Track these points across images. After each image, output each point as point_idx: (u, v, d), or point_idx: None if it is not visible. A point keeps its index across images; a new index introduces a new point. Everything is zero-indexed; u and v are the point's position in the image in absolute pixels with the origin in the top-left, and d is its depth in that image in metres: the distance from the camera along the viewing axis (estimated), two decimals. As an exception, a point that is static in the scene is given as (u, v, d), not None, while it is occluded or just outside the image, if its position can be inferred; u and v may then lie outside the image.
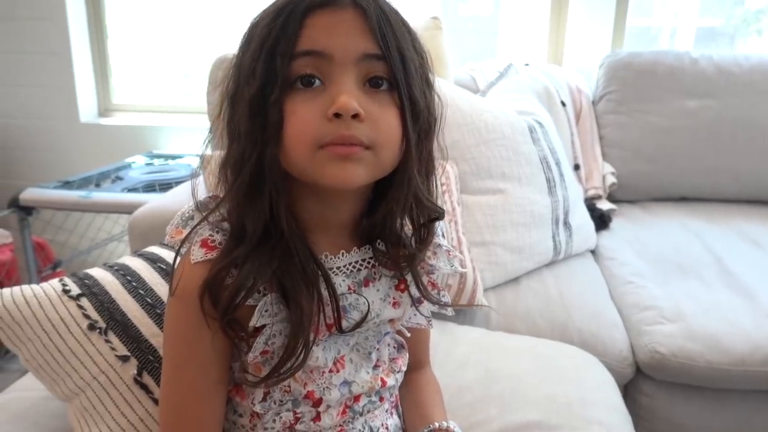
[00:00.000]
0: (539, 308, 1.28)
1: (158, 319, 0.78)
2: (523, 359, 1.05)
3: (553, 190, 1.44)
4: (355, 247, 0.64)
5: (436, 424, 0.72)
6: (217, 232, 0.59)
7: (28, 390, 0.88)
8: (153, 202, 1.43)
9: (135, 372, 0.74)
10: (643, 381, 1.22)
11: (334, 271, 0.62)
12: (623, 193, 1.84)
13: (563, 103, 1.78)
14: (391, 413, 0.73)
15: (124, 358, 0.74)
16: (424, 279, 0.67)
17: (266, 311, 0.57)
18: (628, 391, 1.24)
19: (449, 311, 0.70)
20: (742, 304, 1.27)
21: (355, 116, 0.52)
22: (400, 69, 0.55)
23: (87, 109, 2.43)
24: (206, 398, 0.62)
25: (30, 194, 1.78)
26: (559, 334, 1.21)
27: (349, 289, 0.63)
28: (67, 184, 1.88)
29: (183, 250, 0.60)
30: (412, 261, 0.64)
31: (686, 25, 2.77)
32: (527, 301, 1.30)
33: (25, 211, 1.78)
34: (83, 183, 1.92)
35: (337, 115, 0.52)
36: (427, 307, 0.69)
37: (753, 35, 2.49)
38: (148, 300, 0.79)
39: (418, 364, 0.79)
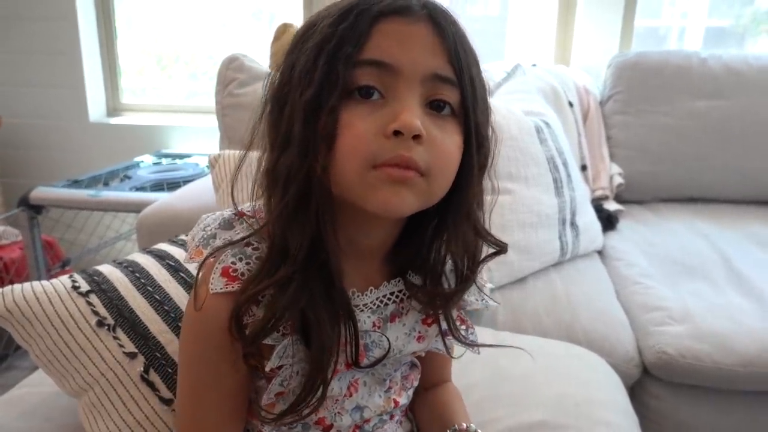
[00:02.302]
0: (546, 308, 1.27)
1: (166, 315, 0.78)
2: (530, 359, 1.04)
3: (561, 190, 1.43)
4: (384, 281, 0.60)
5: (464, 425, 0.69)
6: (240, 260, 0.55)
7: (39, 386, 0.89)
8: (161, 200, 1.44)
9: (142, 369, 0.74)
10: (650, 382, 1.22)
11: (360, 308, 0.58)
12: (631, 193, 1.83)
13: (570, 104, 1.78)
14: (401, 422, 0.72)
15: (131, 355, 0.75)
16: (454, 313, 0.62)
17: (284, 353, 0.54)
18: (635, 392, 1.23)
19: (476, 350, 0.66)
20: (750, 305, 1.26)
21: (416, 137, 0.48)
22: (470, 96, 0.51)
23: (96, 108, 2.45)
24: (223, 421, 0.60)
25: (39, 193, 1.79)
26: (565, 334, 1.21)
27: (374, 326, 0.59)
28: (75, 183, 1.90)
29: (201, 273, 0.55)
30: (449, 300, 0.59)
31: (695, 26, 2.75)
32: (534, 301, 1.29)
33: (35, 209, 1.80)
34: (92, 182, 1.93)
35: (396, 133, 0.48)
36: (452, 340, 0.65)
37: (763, 35, 2.48)
38: (157, 297, 0.80)
39: (440, 381, 0.77)
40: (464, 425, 0.70)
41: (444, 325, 0.62)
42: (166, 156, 2.27)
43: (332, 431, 0.62)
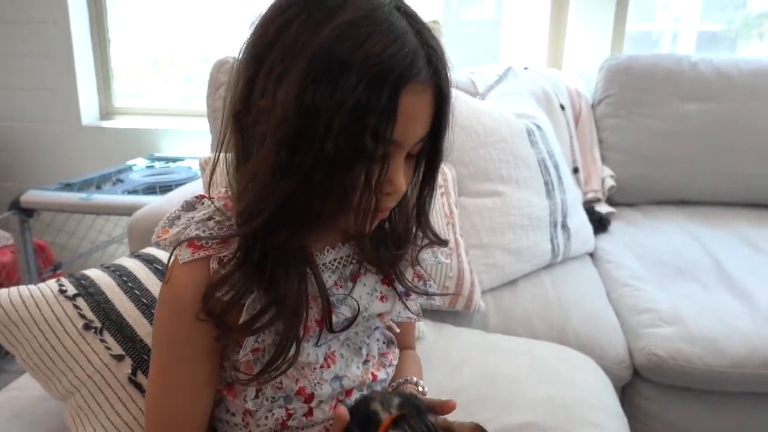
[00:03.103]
0: (537, 311, 1.27)
1: (153, 319, 0.78)
2: (520, 361, 1.05)
3: (552, 192, 1.44)
4: (340, 243, 0.65)
5: (412, 378, 0.73)
6: (203, 231, 0.60)
7: (26, 389, 0.88)
8: (152, 203, 1.44)
9: (129, 371, 0.74)
10: (640, 384, 1.22)
11: (320, 268, 0.63)
12: (622, 196, 1.84)
13: (562, 107, 1.78)
14: None
15: (119, 358, 0.74)
16: (409, 272, 0.69)
17: (253, 308, 0.58)
18: (626, 393, 1.24)
19: (437, 300, 0.72)
20: (740, 308, 1.27)
21: None
22: (443, 141, 0.59)
23: (89, 111, 2.44)
24: (194, 399, 0.63)
25: (30, 196, 1.78)
26: (556, 337, 1.21)
27: (336, 284, 0.64)
28: (67, 186, 1.89)
29: (175, 251, 0.60)
30: (394, 263, 0.66)
31: (687, 30, 2.77)
32: (525, 304, 1.30)
33: (26, 212, 1.79)
34: (84, 185, 1.92)
35: (387, 193, 0.56)
36: (414, 300, 0.70)
37: (755, 39, 2.49)
38: (144, 300, 0.80)
39: (402, 347, 0.81)
40: (412, 378, 0.73)
41: (400, 287, 0.68)
42: (159, 159, 2.26)
43: (314, 401, 0.64)
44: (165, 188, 1.85)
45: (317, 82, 0.49)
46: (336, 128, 0.49)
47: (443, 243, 0.68)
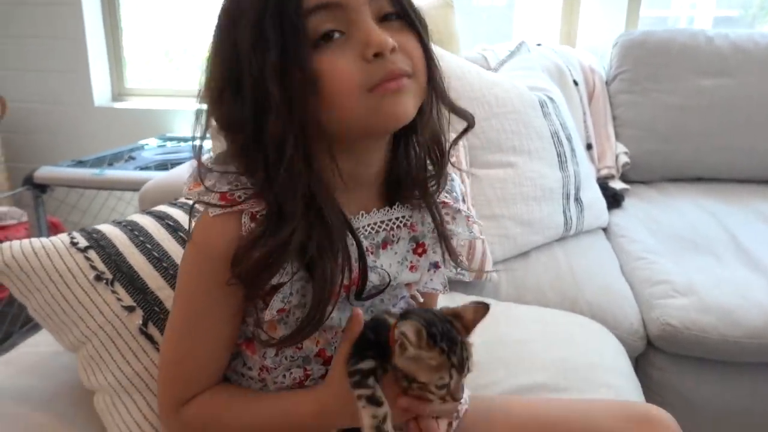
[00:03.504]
0: (549, 281, 1.26)
1: (165, 272, 0.78)
2: (531, 326, 1.04)
3: (564, 164, 1.42)
4: (375, 208, 0.63)
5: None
6: (237, 187, 0.57)
7: (38, 346, 0.89)
8: (163, 175, 1.45)
9: (140, 322, 0.74)
10: (654, 354, 1.20)
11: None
12: (636, 173, 1.81)
13: (575, 82, 1.76)
14: None
15: (129, 309, 0.75)
16: (449, 242, 0.67)
17: (284, 270, 0.56)
18: (639, 364, 1.22)
19: (467, 276, 0.71)
20: (757, 280, 1.25)
21: (392, 50, 0.53)
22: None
23: (101, 93, 2.45)
24: (214, 353, 0.62)
25: (44, 172, 1.80)
26: (569, 307, 1.20)
27: (367, 250, 0.61)
28: (80, 164, 1.90)
29: (201, 206, 0.58)
30: (437, 177, 0.64)
31: (703, 15, 2.73)
32: (537, 274, 1.29)
33: (39, 188, 1.80)
34: (96, 162, 1.94)
35: (376, 55, 0.52)
36: (443, 272, 0.68)
37: (772, 23, 2.45)
38: (155, 254, 0.80)
39: None
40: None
41: (433, 258, 0.66)
42: (171, 139, 2.27)
43: (332, 363, 0.63)
44: (177, 165, 1.85)
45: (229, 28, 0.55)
46: (256, 35, 0.51)
47: (469, 119, 0.64)
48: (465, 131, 0.65)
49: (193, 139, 0.59)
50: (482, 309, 0.60)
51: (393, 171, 0.63)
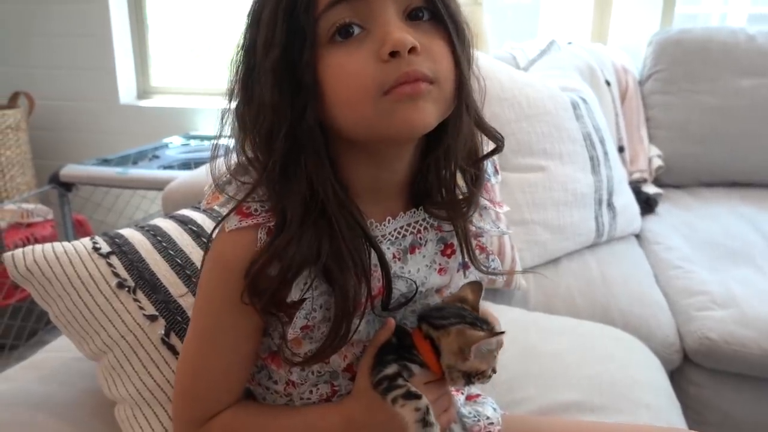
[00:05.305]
0: (580, 289, 1.22)
1: (188, 280, 0.76)
2: (564, 339, 1.00)
3: (597, 168, 1.38)
4: (401, 212, 0.60)
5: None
6: (253, 199, 0.54)
7: (59, 351, 0.88)
8: (186, 174, 1.43)
9: (162, 332, 0.72)
10: (690, 369, 1.16)
11: (378, 239, 0.57)
12: (670, 177, 1.75)
13: (608, 83, 1.71)
14: None
15: (152, 318, 0.73)
16: (473, 243, 0.63)
17: (304, 284, 0.53)
18: (675, 379, 1.17)
19: (499, 280, 0.67)
20: (799, 292, 1.19)
21: (412, 50, 0.48)
22: None
23: (126, 90, 2.46)
24: (232, 371, 0.59)
25: (69, 170, 1.80)
26: (600, 317, 1.16)
27: (394, 257, 0.58)
28: (105, 162, 1.90)
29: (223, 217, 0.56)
30: (470, 202, 0.59)
31: (737, 12, 2.64)
32: (567, 282, 1.24)
33: (65, 186, 1.81)
34: (121, 161, 1.94)
35: (392, 54, 0.48)
36: (475, 273, 0.65)
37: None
38: (178, 261, 0.78)
39: None
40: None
41: (462, 258, 0.63)
42: (195, 138, 2.26)
43: None
44: (200, 164, 1.85)
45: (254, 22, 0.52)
46: (269, 30, 0.49)
47: (499, 140, 0.59)
48: (492, 153, 0.60)
49: (217, 137, 0.57)
50: (477, 285, 0.60)
51: (421, 181, 0.59)
